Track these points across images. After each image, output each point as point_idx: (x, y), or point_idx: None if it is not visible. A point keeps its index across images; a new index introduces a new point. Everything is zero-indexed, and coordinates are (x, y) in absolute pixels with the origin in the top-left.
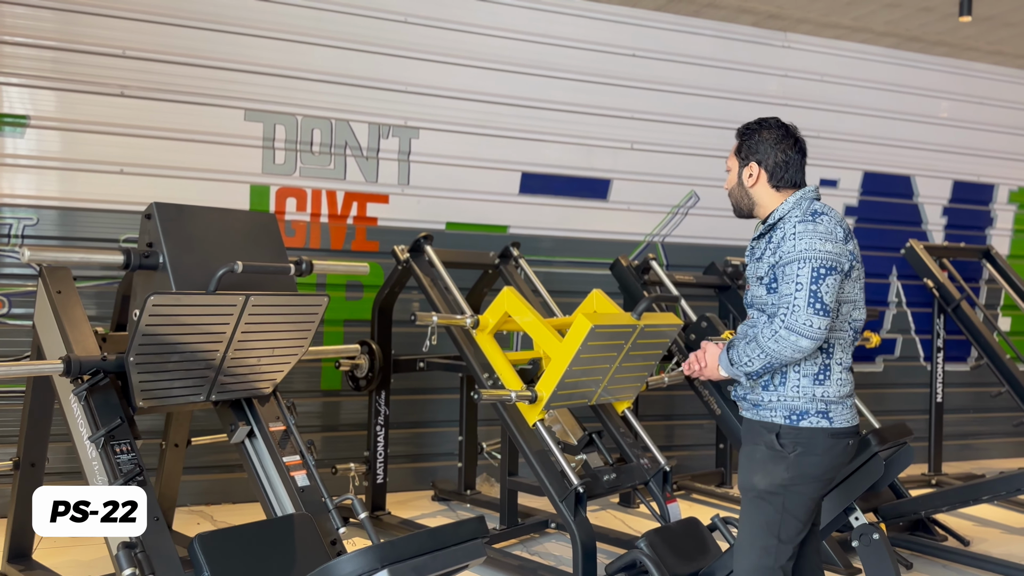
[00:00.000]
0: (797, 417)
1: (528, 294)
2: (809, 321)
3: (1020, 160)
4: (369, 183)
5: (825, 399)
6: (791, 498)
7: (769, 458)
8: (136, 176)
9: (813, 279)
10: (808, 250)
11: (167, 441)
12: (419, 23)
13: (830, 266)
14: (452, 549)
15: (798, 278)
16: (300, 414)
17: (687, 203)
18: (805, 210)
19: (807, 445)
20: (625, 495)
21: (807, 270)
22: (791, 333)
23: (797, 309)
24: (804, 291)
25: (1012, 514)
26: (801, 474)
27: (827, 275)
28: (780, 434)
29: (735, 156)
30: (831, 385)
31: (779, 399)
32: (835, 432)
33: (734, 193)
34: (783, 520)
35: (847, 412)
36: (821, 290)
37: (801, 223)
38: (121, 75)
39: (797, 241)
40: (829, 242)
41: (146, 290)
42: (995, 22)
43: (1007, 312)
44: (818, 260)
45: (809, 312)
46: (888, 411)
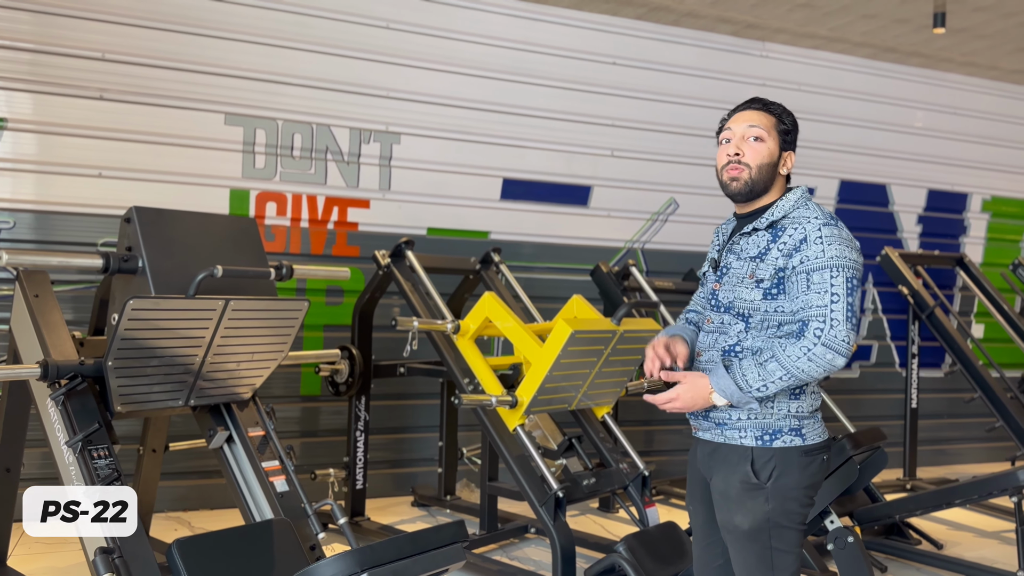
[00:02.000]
0: (770, 437)
1: (509, 299)
2: (848, 338)
3: (993, 169)
4: (350, 188)
5: (799, 415)
6: (777, 533)
7: (745, 493)
8: (115, 180)
9: (849, 290)
10: (839, 257)
11: (145, 446)
12: (401, 29)
13: (859, 277)
14: (431, 553)
15: (833, 288)
16: (280, 419)
17: (667, 210)
18: (822, 211)
19: (782, 467)
20: (605, 499)
21: (841, 280)
22: (828, 351)
23: (836, 323)
24: (841, 303)
25: (985, 518)
26: (782, 503)
27: (857, 287)
28: (754, 461)
29: (778, 135)
30: (806, 399)
31: (749, 417)
32: (808, 449)
33: (761, 170)
34: (774, 556)
35: (818, 426)
36: (855, 303)
37: (827, 226)
38: (100, 78)
39: (826, 246)
40: (855, 251)
41: (125, 294)
42: (968, 34)
43: (980, 319)
44: (851, 270)
45: (847, 327)
46: (864, 416)
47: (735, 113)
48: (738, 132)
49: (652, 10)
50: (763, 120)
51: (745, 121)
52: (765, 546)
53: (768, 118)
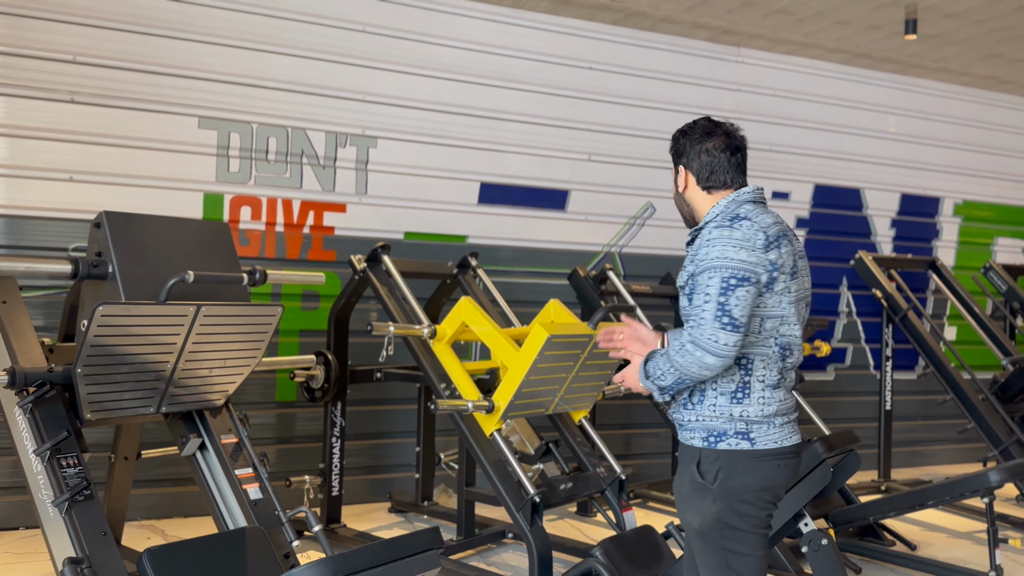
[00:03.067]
0: (715, 439)
1: (486, 304)
2: (715, 336)
3: (964, 174)
4: (326, 192)
5: (745, 418)
6: (729, 534)
7: (694, 492)
8: (86, 184)
9: (722, 290)
10: (720, 258)
11: (116, 454)
12: (377, 32)
13: (742, 276)
14: (406, 561)
15: (707, 289)
16: (254, 426)
17: (643, 214)
18: (728, 214)
19: (727, 469)
20: (582, 503)
21: (716, 280)
22: (696, 348)
23: (703, 323)
24: (712, 303)
25: (957, 519)
26: (730, 504)
27: (738, 286)
28: (700, 461)
29: (673, 160)
30: (751, 404)
31: (697, 419)
32: (757, 454)
33: (676, 201)
34: (728, 557)
35: (775, 432)
36: (730, 303)
37: (717, 228)
38: (71, 81)
39: (710, 248)
40: (744, 250)
41: (94, 300)
42: (939, 40)
43: (952, 322)
44: (729, 270)
45: (715, 327)
46: (839, 419)
47: None
48: None
49: (628, 15)
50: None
51: None
52: (718, 546)
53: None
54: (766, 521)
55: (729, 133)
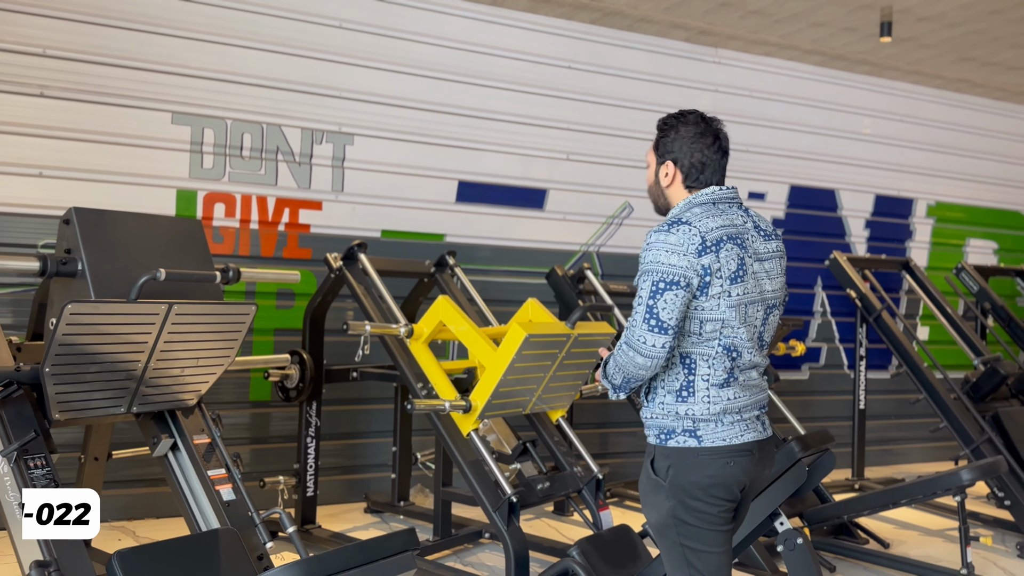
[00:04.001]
0: (666, 436)
1: (464, 303)
2: (643, 338)
3: (937, 176)
4: (302, 189)
5: (691, 416)
6: (685, 531)
7: (650, 489)
8: (56, 179)
9: (651, 293)
10: (653, 262)
11: (86, 454)
12: (354, 28)
13: (671, 280)
14: (382, 562)
15: (640, 292)
16: (228, 426)
17: (621, 214)
18: (671, 218)
19: (677, 466)
20: (559, 503)
21: (648, 283)
22: (629, 348)
23: (634, 325)
24: (642, 306)
25: (929, 517)
26: (682, 499)
27: (666, 290)
28: (654, 458)
29: (653, 151)
30: (696, 403)
31: (652, 416)
32: (705, 451)
33: (652, 191)
34: (686, 553)
35: (723, 430)
36: (658, 306)
37: (656, 232)
38: (41, 75)
39: (647, 251)
40: (676, 254)
41: (63, 298)
42: (913, 43)
43: (925, 322)
44: (659, 273)
45: (643, 328)
46: (813, 417)
47: None
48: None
49: (606, 15)
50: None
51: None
52: (674, 542)
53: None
54: (722, 518)
55: (718, 134)
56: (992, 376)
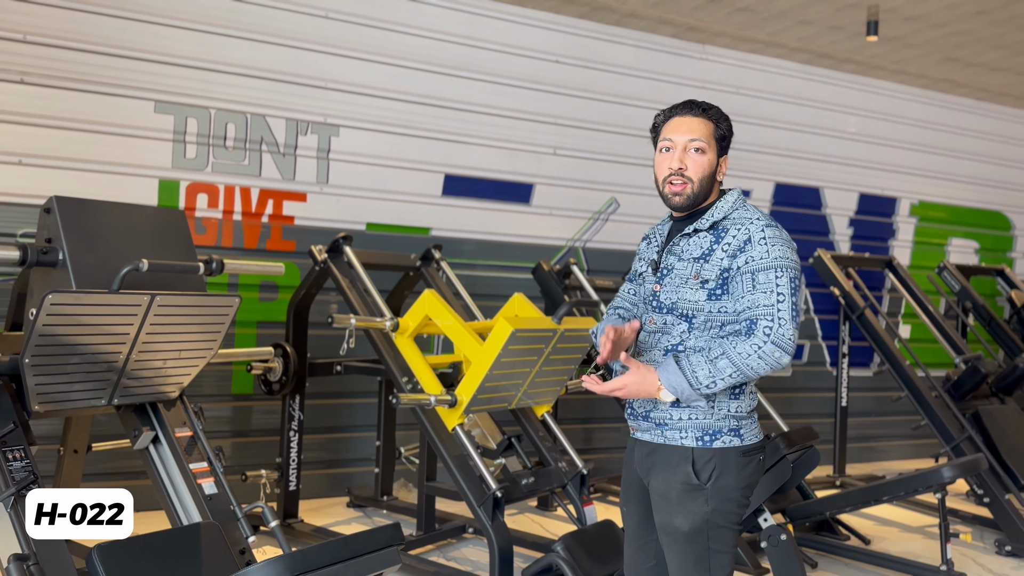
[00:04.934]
0: (710, 438)
1: (449, 297)
2: (793, 336)
3: (921, 175)
4: (286, 180)
5: (738, 415)
6: (715, 534)
7: (686, 495)
8: (36, 168)
9: (792, 290)
10: (783, 258)
11: (66, 447)
12: (341, 19)
13: (800, 278)
14: (366, 557)
15: (778, 288)
16: (209, 419)
17: (608, 209)
18: (763, 213)
19: (722, 468)
20: (543, 498)
21: (786, 280)
22: (776, 349)
23: (784, 322)
24: (787, 302)
25: (909, 513)
26: (720, 504)
27: (799, 287)
28: (695, 462)
29: (715, 142)
30: (744, 399)
31: (691, 417)
32: (746, 450)
33: (703, 183)
34: (711, 557)
35: (755, 427)
36: (799, 303)
37: (769, 227)
38: (21, 61)
39: (770, 247)
40: (794, 252)
41: (44, 288)
42: (899, 43)
43: (907, 320)
44: (793, 270)
45: (792, 326)
46: (795, 414)
47: (672, 116)
48: (679, 143)
49: (595, 9)
50: (703, 129)
51: (686, 132)
52: (703, 547)
53: (707, 126)
54: (741, 517)
55: None
56: (973, 375)
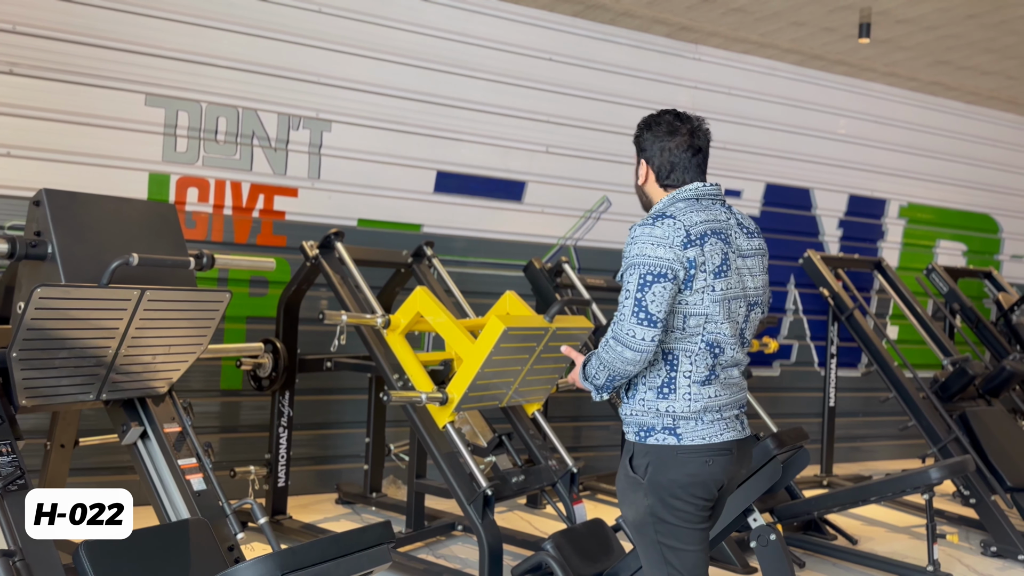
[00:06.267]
0: (645, 433)
1: (441, 294)
2: (632, 331)
3: (910, 177)
4: (277, 175)
5: (672, 414)
6: (663, 528)
7: (628, 487)
8: (25, 160)
9: (639, 286)
10: (639, 255)
11: (52, 441)
12: (334, 14)
13: (658, 273)
14: (356, 555)
15: (628, 285)
16: (198, 415)
17: (599, 208)
18: (655, 212)
19: (656, 464)
20: (533, 496)
21: (635, 277)
22: (617, 343)
23: (623, 319)
24: (630, 299)
25: (896, 513)
26: (660, 498)
27: (654, 282)
28: (633, 455)
29: (636, 151)
30: (677, 400)
31: (631, 413)
32: (684, 449)
33: (637, 191)
34: (663, 551)
35: (703, 428)
36: (646, 299)
37: (640, 226)
38: (10, 51)
39: (632, 245)
40: (662, 247)
41: (32, 281)
42: (891, 45)
43: (895, 321)
44: (646, 266)
45: (632, 322)
46: (784, 414)
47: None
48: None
49: (589, 8)
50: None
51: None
52: (651, 540)
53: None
54: (700, 516)
55: (693, 132)
56: (960, 376)
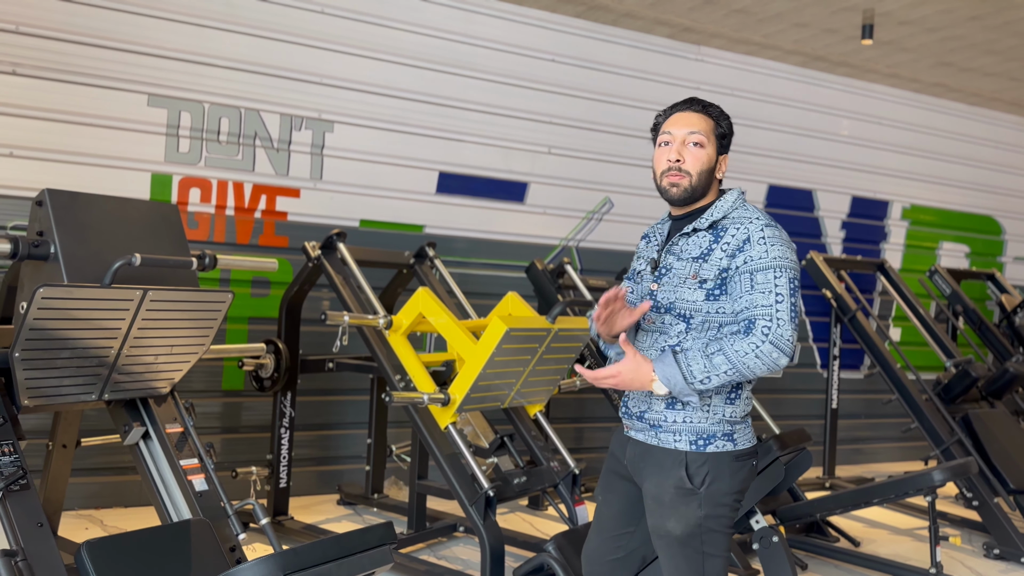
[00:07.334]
0: (704, 442)
1: (443, 295)
2: (792, 337)
3: (913, 179)
4: (279, 176)
5: (732, 420)
6: (708, 538)
7: (680, 499)
8: (27, 160)
9: (791, 291)
10: (782, 258)
11: (55, 441)
12: (337, 14)
13: (799, 279)
14: (358, 556)
15: (777, 288)
16: (200, 415)
17: (602, 209)
18: (763, 213)
19: (715, 473)
20: (534, 497)
21: (784, 280)
22: (774, 349)
23: (782, 323)
24: (785, 303)
25: (898, 516)
26: (713, 508)
27: (798, 288)
28: (688, 465)
29: (715, 139)
30: (739, 404)
31: (685, 420)
32: (739, 454)
33: (701, 176)
34: (705, 560)
35: (748, 432)
36: (797, 303)
37: (769, 227)
38: (13, 52)
39: (769, 247)
40: (794, 252)
41: (35, 282)
42: (893, 47)
43: (898, 323)
44: (792, 270)
45: (791, 327)
46: (786, 416)
47: (673, 113)
48: (678, 136)
49: (591, 8)
50: (703, 124)
51: (685, 126)
52: (697, 551)
53: (707, 122)
54: (733, 521)
55: None
56: (963, 378)
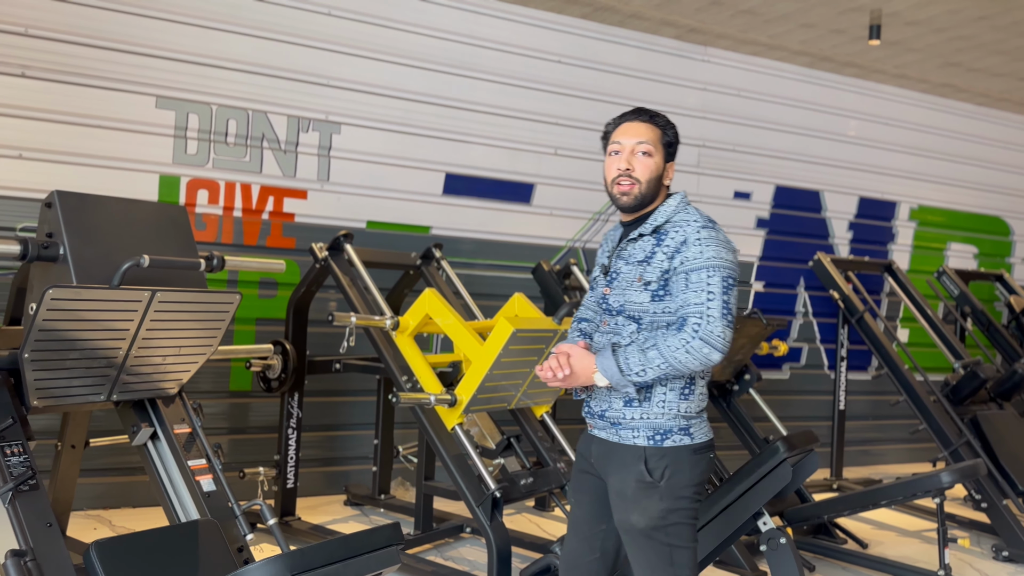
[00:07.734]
0: (661, 437)
1: (450, 296)
2: (723, 334)
3: (920, 179)
4: (287, 177)
5: (687, 415)
6: (673, 530)
7: (640, 491)
8: (36, 162)
9: (724, 289)
10: (716, 258)
11: (64, 442)
12: (343, 16)
13: (735, 277)
14: (365, 557)
15: (709, 287)
16: (208, 416)
17: (608, 210)
18: (701, 215)
19: (674, 467)
20: (541, 498)
21: (717, 279)
22: (704, 345)
23: (712, 320)
24: (717, 301)
25: (906, 517)
26: (674, 501)
27: (733, 286)
28: (647, 460)
29: (662, 147)
30: (694, 400)
31: (642, 417)
32: (696, 448)
33: (650, 184)
34: (672, 552)
35: (705, 426)
36: (731, 301)
37: (705, 228)
38: (23, 54)
39: (704, 248)
40: (731, 252)
41: (44, 283)
42: (901, 47)
43: (906, 324)
44: (726, 270)
45: (723, 324)
46: (793, 417)
47: (622, 123)
48: (627, 146)
49: (597, 10)
50: (650, 134)
51: (634, 136)
52: (663, 543)
53: (655, 131)
54: (697, 512)
55: None
56: (972, 379)
